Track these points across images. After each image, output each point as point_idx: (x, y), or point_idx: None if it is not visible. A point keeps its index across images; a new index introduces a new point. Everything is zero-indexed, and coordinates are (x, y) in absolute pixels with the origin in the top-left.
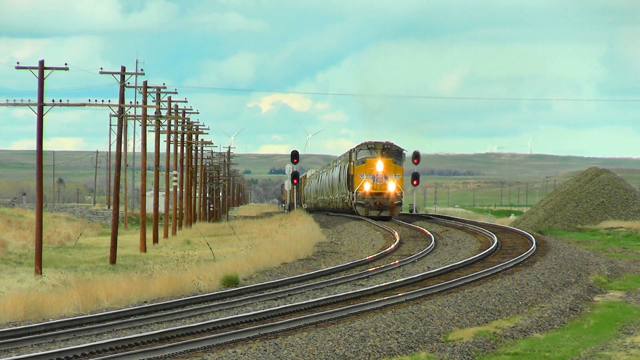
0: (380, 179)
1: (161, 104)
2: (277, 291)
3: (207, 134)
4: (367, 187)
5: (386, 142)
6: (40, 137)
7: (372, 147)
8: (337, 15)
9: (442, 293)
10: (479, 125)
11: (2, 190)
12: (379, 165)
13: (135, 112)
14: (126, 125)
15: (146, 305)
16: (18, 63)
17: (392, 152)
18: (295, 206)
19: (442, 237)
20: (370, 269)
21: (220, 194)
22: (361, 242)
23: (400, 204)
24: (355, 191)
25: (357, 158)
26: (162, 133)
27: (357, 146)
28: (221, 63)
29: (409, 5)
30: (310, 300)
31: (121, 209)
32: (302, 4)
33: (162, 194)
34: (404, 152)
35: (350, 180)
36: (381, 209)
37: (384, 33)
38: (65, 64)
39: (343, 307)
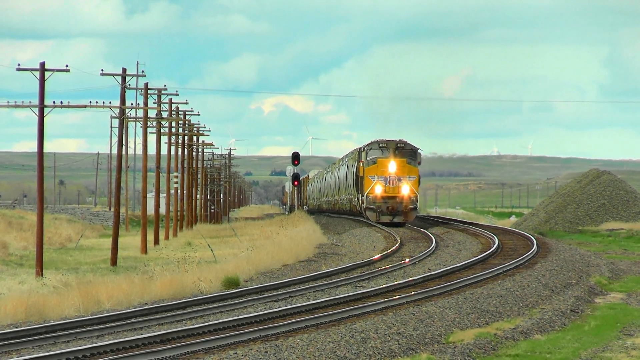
0: (393, 181)
1: (162, 105)
2: (277, 293)
3: (208, 135)
4: (378, 190)
5: (399, 140)
6: (41, 139)
7: (383, 146)
8: (340, 17)
9: (443, 294)
10: (480, 127)
11: (3, 191)
12: (392, 166)
13: (136, 114)
14: (127, 127)
15: (147, 306)
16: (19, 65)
17: (406, 152)
18: (296, 208)
19: (443, 239)
20: (372, 270)
21: (221, 195)
22: (362, 243)
23: (415, 208)
24: (365, 194)
25: (368, 158)
26: (163, 135)
27: (366, 145)
28: (224, 65)
29: (412, 7)
30: (311, 302)
31: (122, 210)
32: (305, 6)
33: (163, 195)
34: (418, 151)
35: (359, 182)
36: (394, 215)
37: (387, 35)
38: (66, 66)
39: (344, 308)
